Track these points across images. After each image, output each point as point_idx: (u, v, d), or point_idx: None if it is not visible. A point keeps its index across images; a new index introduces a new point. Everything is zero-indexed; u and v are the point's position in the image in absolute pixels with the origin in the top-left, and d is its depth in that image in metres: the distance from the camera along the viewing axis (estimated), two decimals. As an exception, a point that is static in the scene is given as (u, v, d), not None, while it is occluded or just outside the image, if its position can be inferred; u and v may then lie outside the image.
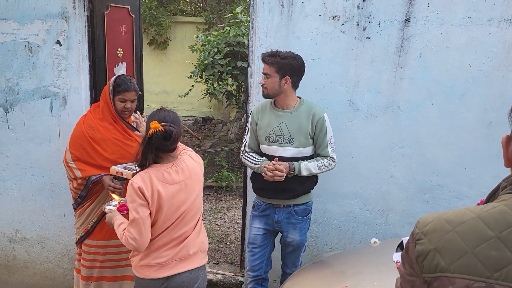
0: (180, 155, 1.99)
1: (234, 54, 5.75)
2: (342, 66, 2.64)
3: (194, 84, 6.53)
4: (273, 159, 2.34)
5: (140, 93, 3.80)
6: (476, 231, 0.87)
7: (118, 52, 3.35)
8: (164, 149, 1.86)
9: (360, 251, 2.43)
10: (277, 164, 2.28)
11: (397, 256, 2.00)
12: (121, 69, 3.42)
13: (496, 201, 0.92)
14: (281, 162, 2.29)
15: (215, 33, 6.33)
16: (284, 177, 2.28)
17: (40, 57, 2.84)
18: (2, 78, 2.89)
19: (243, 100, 6.15)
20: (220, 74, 5.79)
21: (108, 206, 2.12)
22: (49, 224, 3.09)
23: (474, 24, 2.47)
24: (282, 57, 2.28)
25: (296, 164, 2.32)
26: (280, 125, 2.37)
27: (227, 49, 5.71)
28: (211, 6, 9.40)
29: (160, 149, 1.86)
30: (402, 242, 2.12)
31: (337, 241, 2.89)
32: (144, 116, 2.59)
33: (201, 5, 10.30)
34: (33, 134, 2.95)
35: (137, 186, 1.83)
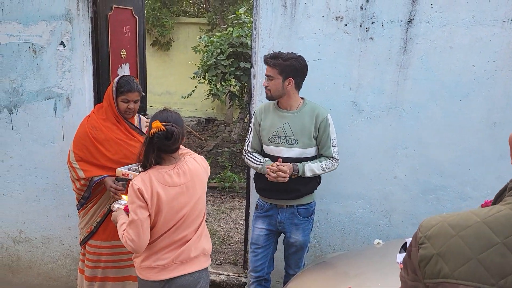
0: (184, 158, 1.98)
1: (237, 55, 5.75)
2: (345, 67, 2.64)
3: (197, 85, 6.53)
4: (276, 160, 2.34)
5: (144, 94, 3.81)
6: (481, 236, 0.84)
7: (121, 53, 3.37)
8: (165, 149, 1.85)
9: (364, 252, 2.43)
10: (280, 165, 2.27)
11: (400, 257, 1.99)
12: (125, 70, 3.43)
13: (501, 203, 0.89)
14: (285, 163, 2.29)
15: (218, 34, 6.34)
16: (288, 178, 2.28)
17: (44, 58, 2.85)
18: (6, 79, 2.91)
19: (246, 101, 6.15)
20: (223, 75, 5.79)
21: (117, 204, 2.13)
22: (53, 224, 3.10)
23: (478, 24, 2.46)
24: (284, 59, 2.27)
25: (299, 165, 2.32)
26: (284, 126, 2.37)
27: (230, 50, 5.72)
28: (214, 7, 9.41)
29: (161, 149, 1.84)
30: (405, 243, 2.12)
31: (340, 242, 2.88)
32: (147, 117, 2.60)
33: (204, 6, 10.32)
34: (37, 135, 2.96)
35: (137, 187, 1.82)
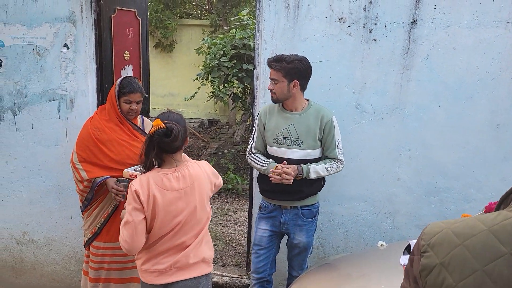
0: (186, 162, 1.96)
1: (240, 57, 5.75)
2: (348, 68, 2.63)
3: (200, 86, 6.54)
4: (280, 161, 2.33)
5: (146, 95, 3.82)
6: (487, 246, 0.80)
7: (125, 55, 3.38)
8: (165, 147, 1.82)
9: (367, 254, 2.42)
10: (285, 167, 2.27)
11: (404, 259, 1.98)
12: (128, 72, 3.44)
13: (508, 209, 0.85)
14: (289, 165, 2.28)
15: (221, 35, 6.35)
16: (292, 180, 2.28)
17: (48, 60, 2.87)
18: (10, 81, 2.93)
19: (249, 103, 6.15)
20: (226, 76, 5.80)
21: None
22: (57, 226, 3.11)
23: (481, 25, 2.45)
24: (288, 62, 2.27)
25: (304, 167, 2.32)
26: (289, 127, 2.37)
27: (233, 51, 5.72)
28: (217, 8, 9.43)
29: (161, 147, 1.82)
30: (409, 245, 2.11)
31: (343, 243, 2.87)
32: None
33: (207, 8, 10.34)
34: (40, 137, 2.97)
35: (134, 189, 1.83)
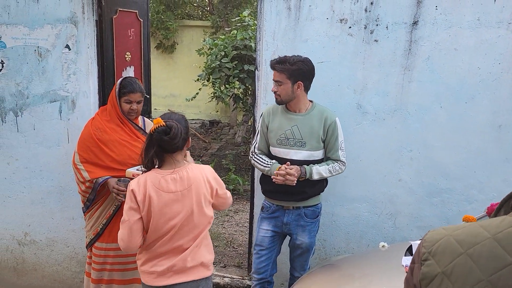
0: (188, 164, 1.95)
1: (241, 58, 5.75)
2: (349, 69, 2.63)
3: (201, 87, 6.55)
4: (283, 162, 2.34)
5: (148, 96, 3.83)
6: (492, 255, 0.76)
7: (126, 56, 3.38)
8: (165, 146, 1.81)
9: (369, 255, 2.42)
10: (288, 168, 2.27)
11: (406, 260, 1.98)
12: (129, 73, 3.45)
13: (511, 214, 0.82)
14: (292, 166, 2.29)
15: (222, 36, 6.35)
16: (296, 181, 2.28)
17: (50, 61, 2.87)
18: (12, 82, 2.93)
19: (250, 103, 6.15)
20: (227, 77, 5.80)
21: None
22: (58, 227, 3.11)
23: (483, 26, 2.45)
24: (291, 63, 2.27)
25: (307, 168, 2.32)
26: (292, 128, 2.37)
27: (234, 52, 5.72)
28: (218, 10, 9.44)
29: (161, 146, 1.81)
30: (411, 246, 2.11)
31: (345, 245, 2.87)
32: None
33: (208, 9, 10.35)
34: (42, 138, 2.98)
35: (131, 188, 1.84)
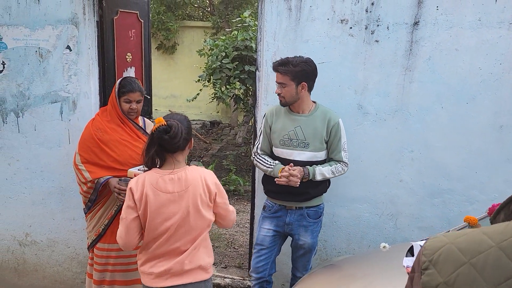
0: (188, 165, 1.94)
1: (242, 58, 5.75)
2: (350, 70, 2.63)
3: (202, 88, 6.55)
4: (286, 163, 2.34)
5: (149, 97, 3.83)
6: (497, 265, 0.73)
7: (127, 56, 3.39)
8: (165, 145, 1.80)
9: (370, 255, 2.41)
10: (291, 169, 2.27)
11: (407, 261, 1.98)
12: (130, 74, 3.45)
13: None
14: (296, 167, 2.29)
15: (222, 37, 6.36)
16: (299, 182, 2.28)
17: (51, 62, 2.87)
18: (13, 83, 2.93)
19: (250, 104, 6.15)
20: (227, 78, 5.80)
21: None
22: (59, 227, 3.11)
23: (484, 26, 2.45)
24: (294, 65, 2.27)
25: (310, 168, 2.33)
26: (295, 129, 2.37)
27: (235, 53, 5.72)
28: (218, 10, 9.45)
29: (162, 145, 1.81)
30: (412, 246, 2.10)
31: (346, 245, 2.87)
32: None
33: (209, 9, 10.36)
34: (43, 138, 2.98)
35: (129, 187, 1.85)
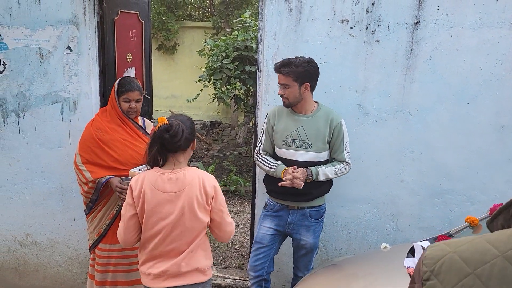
0: (189, 166, 1.94)
1: (242, 59, 5.75)
2: (351, 70, 2.63)
3: (203, 88, 6.55)
4: (289, 163, 2.35)
5: (149, 97, 3.83)
6: (503, 276, 0.69)
7: (127, 57, 3.39)
8: (166, 143, 1.81)
9: (371, 256, 2.41)
10: (294, 172, 2.27)
11: (408, 262, 1.97)
12: (131, 74, 3.45)
13: None
14: (299, 169, 2.29)
15: (223, 37, 6.36)
16: (303, 184, 2.27)
17: (51, 63, 2.87)
18: (13, 83, 2.93)
19: (251, 104, 6.15)
20: (228, 78, 5.80)
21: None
22: (60, 228, 3.11)
23: (485, 26, 2.44)
24: (297, 65, 2.27)
25: (313, 169, 2.33)
26: (298, 130, 2.37)
27: (235, 53, 5.72)
28: (219, 11, 9.45)
29: (163, 144, 1.82)
30: (413, 247, 2.10)
31: (346, 246, 2.86)
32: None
33: (209, 10, 10.37)
34: (44, 139, 2.98)
35: (130, 184, 1.87)
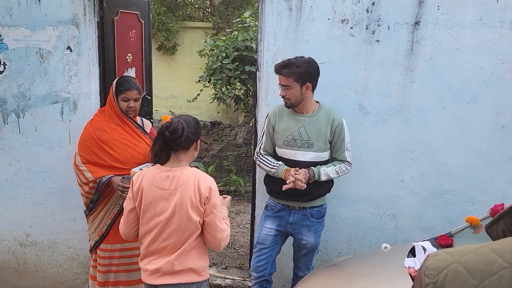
0: (188, 165, 1.95)
1: (242, 59, 5.75)
2: (351, 70, 2.63)
3: (203, 88, 6.55)
4: (290, 163, 2.34)
5: (149, 97, 3.83)
6: None
7: (127, 57, 3.39)
8: (168, 141, 1.84)
9: (371, 256, 2.41)
10: (297, 174, 2.27)
11: (408, 262, 1.97)
12: (131, 74, 3.45)
13: None
14: (301, 171, 2.28)
15: (223, 37, 6.36)
16: (306, 185, 2.27)
17: (51, 63, 2.87)
18: (14, 83, 2.93)
19: (251, 105, 6.15)
20: (228, 78, 5.80)
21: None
22: (60, 228, 3.11)
23: (485, 26, 2.44)
24: (298, 66, 2.27)
25: (315, 169, 2.32)
26: (299, 130, 2.36)
27: (235, 53, 5.72)
28: (219, 11, 9.45)
29: (165, 141, 1.85)
30: (413, 247, 2.10)
31: (347, 246, 2.86)
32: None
33: (209, 10, 10.37)
34: (44, 139, 2.98)
35: (132, 178, 1.94)
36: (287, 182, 2.27)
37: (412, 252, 2.08)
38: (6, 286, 3.26)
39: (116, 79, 2.53)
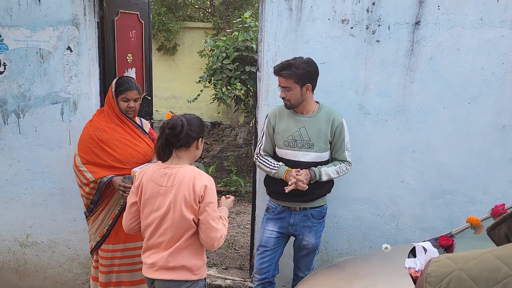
0: (188, 163, 1.96)
1: (243, 59, 5.75)
2: (351, 70, 2.62)
3: (203, 89, 6.55)
4: (290, 164, 2.34)
5: (149, 98, 3.83)
6: None
7: (127, 57, 3.39)
8: (168, 137, 1.87)
9: (371, 256, 2.40)
10: (298, 175, 2.26)
11: (409, 262, 1.97)
12: (131, 75, 3.45)
13: None
14: (302, 172, 2.28)
15: (223, 38, 6.36)
16: (307, 186, 2.27)
17: (51, 63, 2.87)
18: (14, 84, 2.93)
19: (251, 105, 6.15)
20: (228, 79, 5.80)
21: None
22: (60, 228, 3.11)
23: (486, 26, 2.44)
24: (297, 67, 2.26)
25: (316, 170, 2.32)
26: (300, 130, 2.36)
27: (236, 54, 5.72)
28: (219, 11, 9.45)
29: (166, 138, 1.88)
30: (414, 247, 2.09)
31: (347, 246, 2.86)
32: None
33: (210, 10, 10.37)
34: (44, 139, 2.98)
35: (135, 173, 2.01)
36: (288, 183, 2.27)
37: (412, 253, 2.08)
38: (6, 286, 3.26)
39: (115, 79, 2.53)
